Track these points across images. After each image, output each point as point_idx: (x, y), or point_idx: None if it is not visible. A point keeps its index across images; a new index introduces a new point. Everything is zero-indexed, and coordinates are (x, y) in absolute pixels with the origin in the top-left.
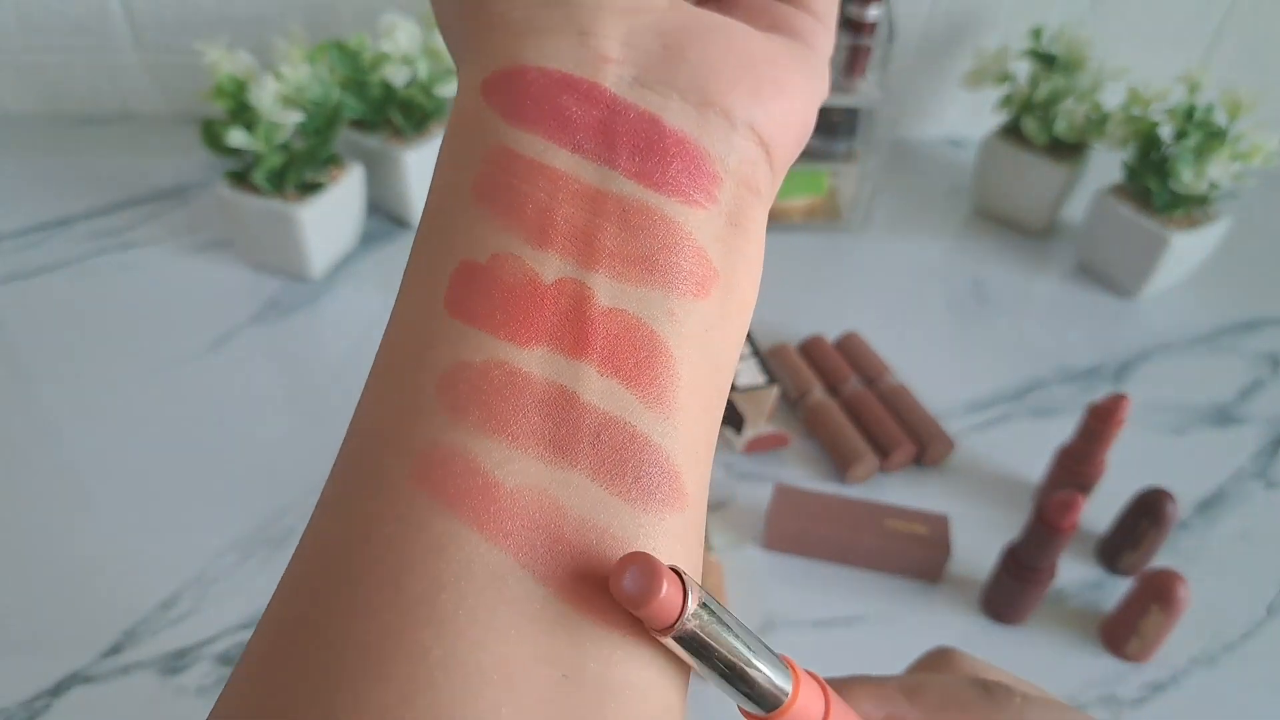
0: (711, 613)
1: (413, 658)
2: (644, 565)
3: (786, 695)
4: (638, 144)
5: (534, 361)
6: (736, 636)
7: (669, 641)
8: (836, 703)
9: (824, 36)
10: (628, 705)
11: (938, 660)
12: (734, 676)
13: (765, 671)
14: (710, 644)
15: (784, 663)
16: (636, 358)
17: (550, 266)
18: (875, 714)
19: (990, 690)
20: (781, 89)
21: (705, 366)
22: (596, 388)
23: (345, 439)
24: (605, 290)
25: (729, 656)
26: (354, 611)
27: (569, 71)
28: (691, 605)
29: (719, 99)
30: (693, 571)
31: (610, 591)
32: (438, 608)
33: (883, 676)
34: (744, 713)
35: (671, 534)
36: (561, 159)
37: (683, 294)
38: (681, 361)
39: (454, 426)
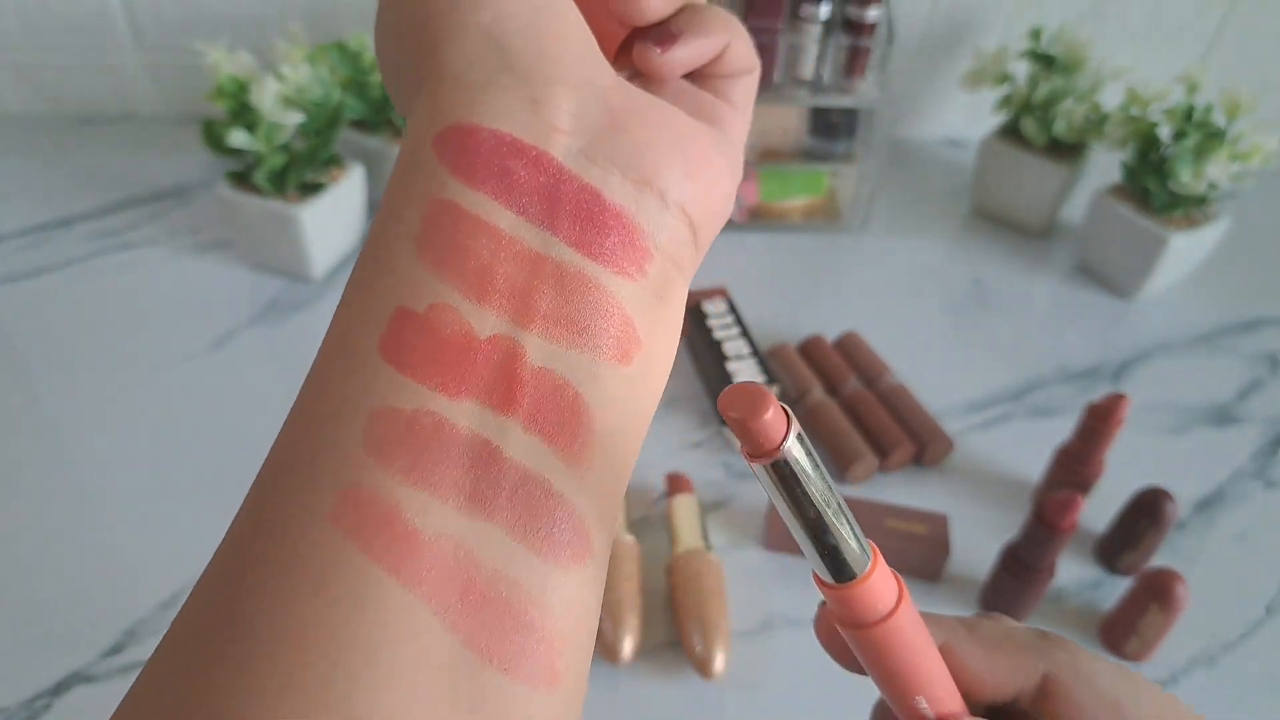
0: (809, 454)
1: (323, 704)
2: (754, 390)
3: (867, 564)
4: (579, 214)
5: (462, 414)
6: (829, 485)
7: (766, 470)
8: (908, 596)
9: (740, 126)
10: None
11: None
12: (820, 525)
13: (850, 530)
14: (804, 478)
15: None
16: (560, 417)
17: (486, 322)
18: (934, 639)
19: (1046, 634)
20: (710, 172)
21: (621, 429)
22: (520, 444)
23: (263, 466)
24: (537, 350)
25: (820, 499)
26: (258, 641)
27: (519, 137)
28: (793, 434)
29: (656, 179)
30: (591, 621)
31: (721, 410)
32: (349, 652)
33: (941, 615)
34: (819, 583)
35: (577, 586)
36: (506, 219)
37: (609, 359)
38: (601, 423)
39: (378, 471)
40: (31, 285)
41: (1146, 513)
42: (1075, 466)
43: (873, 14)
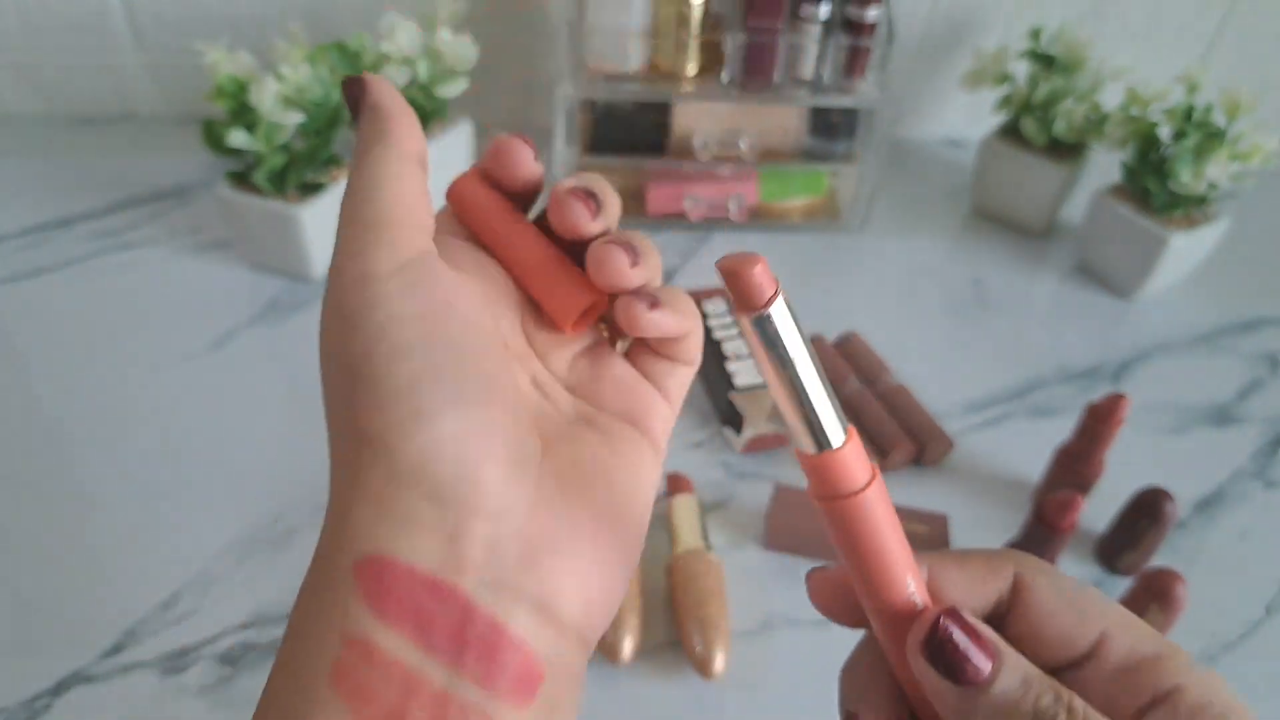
0: (795, 320)
1: None
2: (748, 253)
3: (844, 437)
4: (484, 651)
5: None
6: (812, 355)
7: (753, 325)
8: (879, 477)
9: (667, 422)
10: None
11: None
12: (802, 388)
13: (830, 400)
14: (789, 338)
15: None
16: None
17: None
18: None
19: (1014, 549)
20: (612, 599)
21: None
22: None
23: None
24: None
25: (803, 362)
26: None
27: (434, 573)
28: (781, 297)
29: (560, 612)
30: None
31: (718, 268)
32: None
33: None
34: (800, 456)
35: None
36: (415, 658)
37: None
38: None
39: None
40: (31, 285)
41: (1146, 512)
42: (1075, 466)
43: (872, 14)
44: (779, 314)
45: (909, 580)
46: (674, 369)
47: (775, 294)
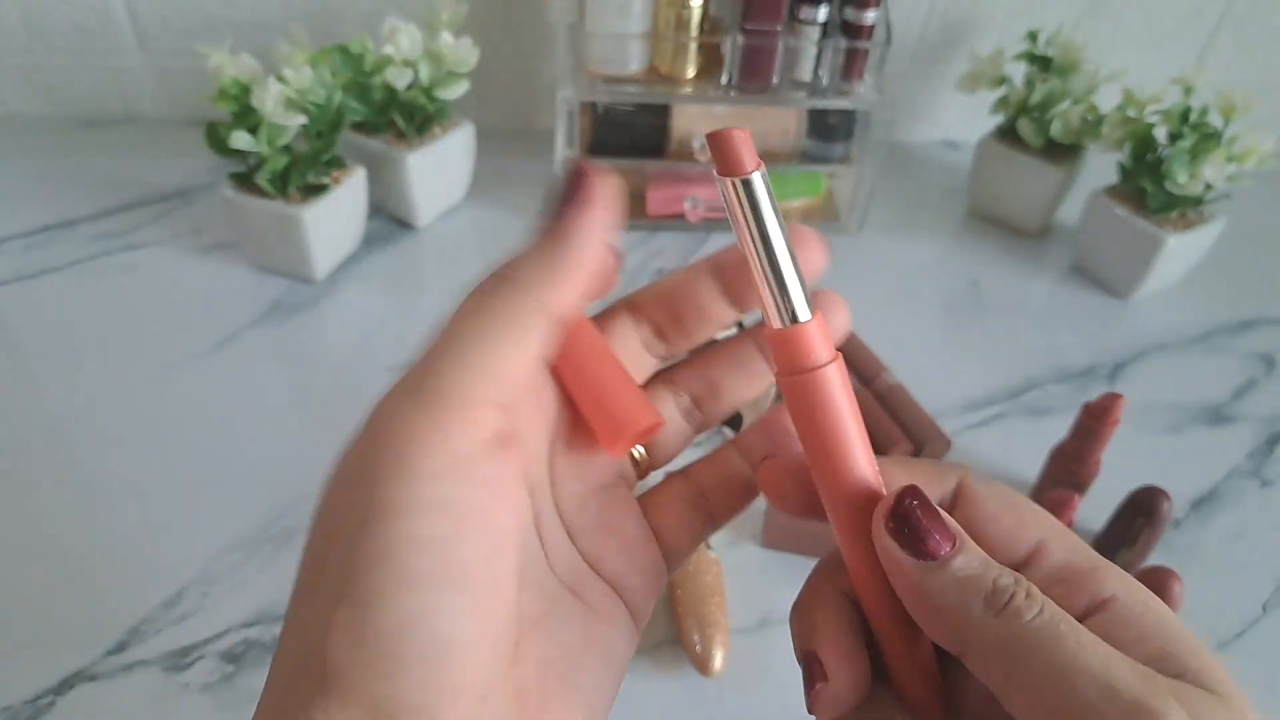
0: (771, 196)
1: None
2: (736, 127)
3: (810, 314)
4: None
5: None
6: (785, 234)
7: (734, 187)
8: (841, 359)
9: (655, 597)
10: None
11: None
12: (774, 258)
13: (799, 278)
14: (766, 207)
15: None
16: None
17: None
18: (900, 476)
19: (982, 476)
20: None
21: None
22: None
23: None
24: None
25: (777, 233)
26: None
27: None
28: (762, 169)
29: None
30: None
31: (706, 136)
32: None
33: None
34: (769, 333)
35: None
36: None
37: None
38: None
39: None
40: (36, 285)
41: (1142, 511)
42: (1071, 466)
43: (870, 17)
44: (759, 183)
45: (867, 462)
46: (701, 526)
47: (758, 167)
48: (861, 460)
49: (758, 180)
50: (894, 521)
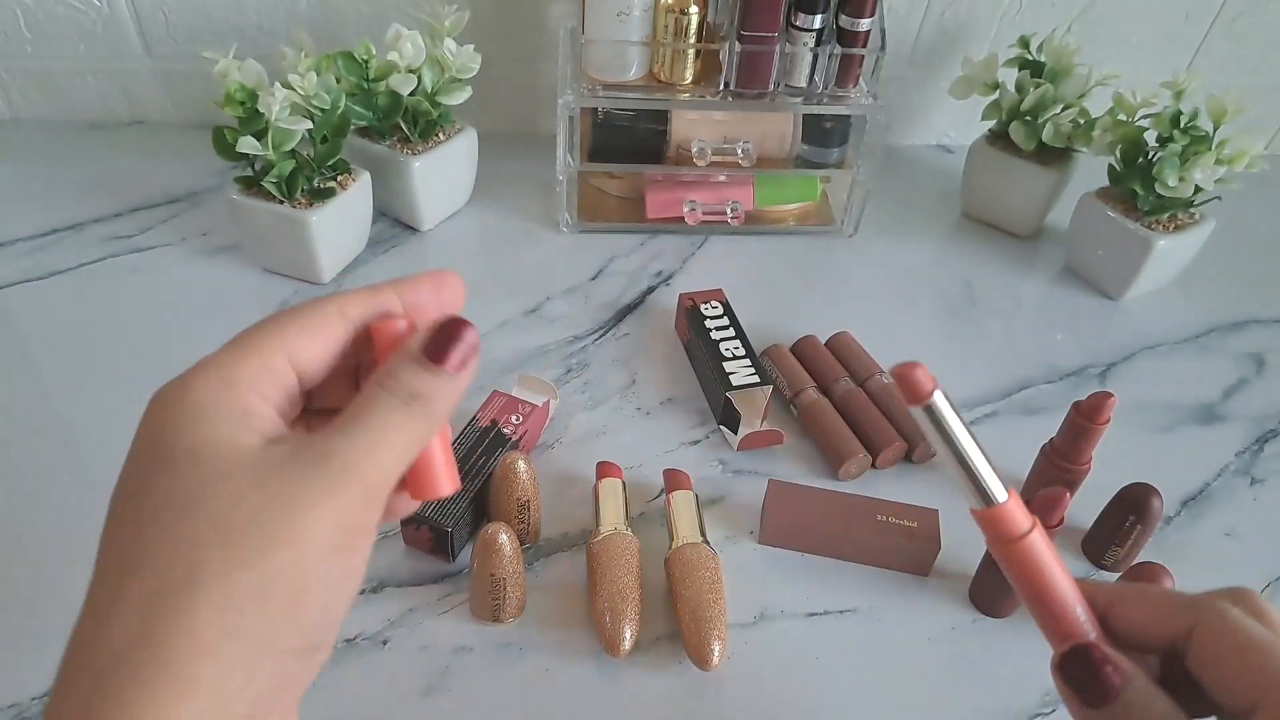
0: (953, 407)
1: None
2: (911, 362)
3: (1005, 494)
4: None
5: None
6: (971, 433)
7: (921, 411)
8: (1040, 526)
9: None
10: None
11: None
12: (966, 459)
13: (990, 467)
14: (950, 420)
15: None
16: None
17: None
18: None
19: (1198, 597)
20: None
21: None
22: None
23: None
24: None
25: (963, 438)
26: None
27: None
28: (939, 390)
29: None
30: None
31: (891, 373)
32: None
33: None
34: (974, 514)
35: None
36: None
37: None
38: None
39: None
40: (44, 287)
41: (1134, 509)
42: (1063, 464)
43: (865, 24)
44: (940, 402)
45: (1077, 609)
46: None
47: (934, 388)
48: (1069, 608)
49: (939, 400)
50: (1062, 670)
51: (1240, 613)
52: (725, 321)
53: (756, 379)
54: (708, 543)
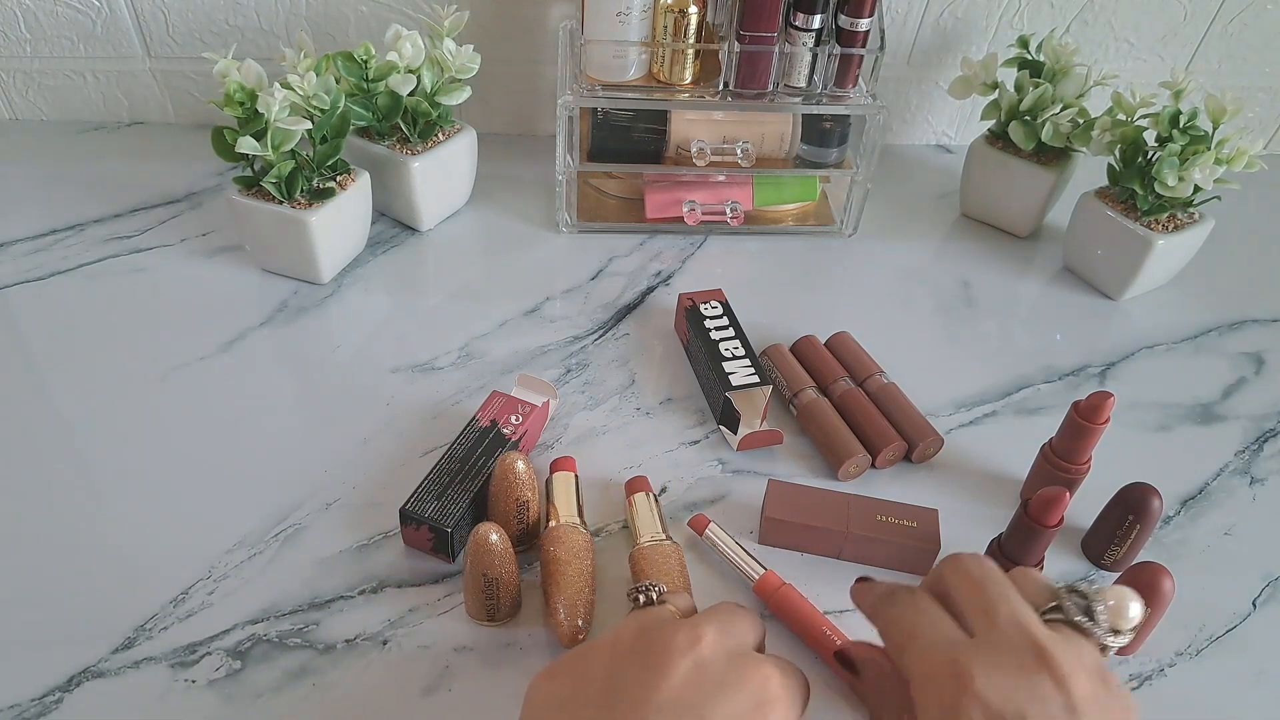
0: (724, 532)
1: None
2: (698, 516)
3: (763, 571)
4: None
5: None
6: (737, 543)
7: (704, 539)
8: (788, 585)
9: None
10: None
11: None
12: (737, 564)
13: (750, 558)
14: (724, 544)
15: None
16: None
17: None
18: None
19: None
20: None
21: None
22: None
23: None
24: None
25: (734, 551)
26: None
27: None
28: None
29: None
30: None
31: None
32: None
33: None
34: (753, 588)
35: None
36: None
37: None
38: None
39: None
40: (44, 288)
41: (1133, 508)
42: (1062, 464)
43: (864, 24)
44: (714, 532)
45: (824, 629)
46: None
47: (709, 524)
48: (820, 626)
49: (712, 531)
50: (837, 659)
51: (896, 614)
52: (725, 321)
53: (756, 379)
54: (670, 538)
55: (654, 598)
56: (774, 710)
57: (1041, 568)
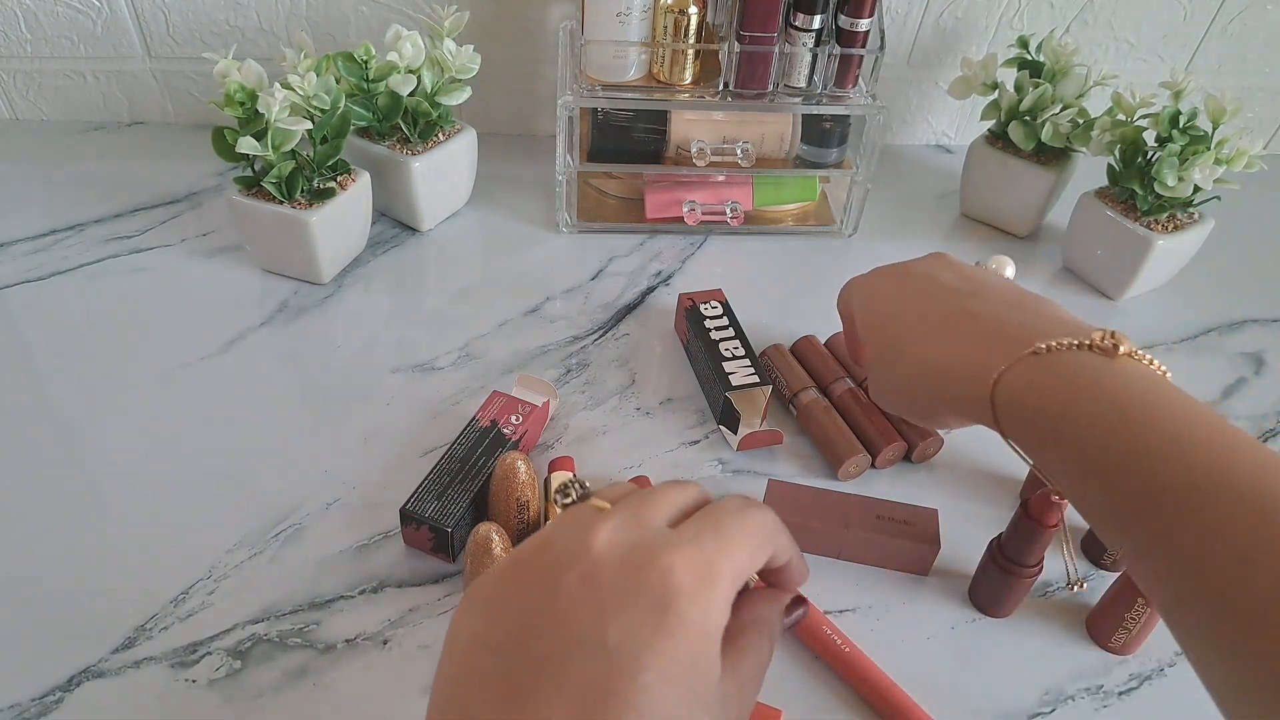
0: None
1: None
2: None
3: None
4: None
5: None
6: None
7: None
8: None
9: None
10: None
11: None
12: None
13: None
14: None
15: None
16: None
17: None
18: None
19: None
20: None
21: None
22: None
23: None
24: None
25: None
26: None
27: None
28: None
29: None
30: None
31: None
32: None
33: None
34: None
35: None
36: None
37: None
38: None
39: None
40: (45, 288)
41: None
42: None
43: (864, 24)
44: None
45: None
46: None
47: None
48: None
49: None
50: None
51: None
52: (725, 321)
53: (756, 379)
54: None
55: (575, 496)
56: (682, 605)
57: (1041, 568)
